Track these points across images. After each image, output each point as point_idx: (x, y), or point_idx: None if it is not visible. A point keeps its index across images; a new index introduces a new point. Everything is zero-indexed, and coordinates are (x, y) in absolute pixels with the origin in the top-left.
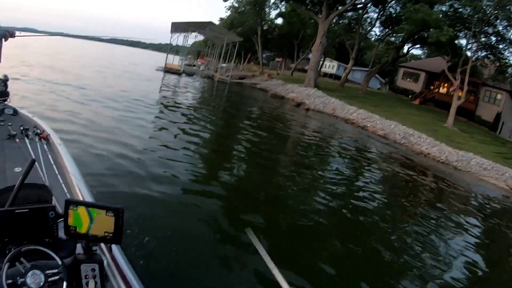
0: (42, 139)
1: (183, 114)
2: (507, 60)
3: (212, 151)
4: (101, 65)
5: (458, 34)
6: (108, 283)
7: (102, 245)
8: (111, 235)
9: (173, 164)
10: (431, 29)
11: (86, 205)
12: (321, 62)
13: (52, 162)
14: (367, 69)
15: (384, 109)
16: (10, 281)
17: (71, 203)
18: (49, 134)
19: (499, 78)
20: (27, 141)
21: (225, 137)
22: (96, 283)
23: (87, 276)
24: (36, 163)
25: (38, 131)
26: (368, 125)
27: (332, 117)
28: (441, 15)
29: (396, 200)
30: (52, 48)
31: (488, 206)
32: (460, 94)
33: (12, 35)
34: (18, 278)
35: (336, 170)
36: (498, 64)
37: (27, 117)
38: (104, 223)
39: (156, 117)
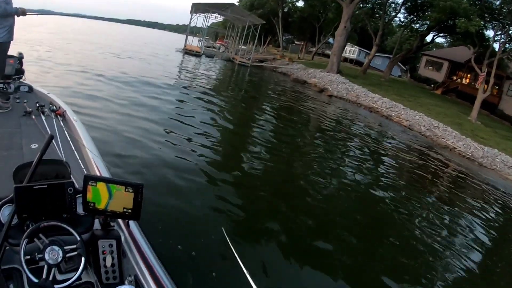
0: (58, 116)
1: (205, 97)
2: None
3: (233, 135)
4: (120, 48)
5: (486, 25)
6: (125, 259)
7: (120, 221)
8: (130, 211)
9: (192, 146)
10: (459, 18)
11: (106, 180)
12: None
13: (69, 138)
14: (388, 55)
15: (407, 98)
16: (28, 256)
17: (90, 178)
18: (65, 111)
19: None
20: (43, 117)
21: (247, 121)
22: (113, 258)
23: (105, 252)
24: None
25: (54, 107)
26: (393, 114)
27: (356, 105)
28: (470, 4)
29: (421, 192)
30: (66, 32)
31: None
32: (485, 87)
33: (24, 13)
34: (36, 254)
35: (359, 157)
36: None
37: (42, 94)
38: (123, 199)
39: (177, 99)
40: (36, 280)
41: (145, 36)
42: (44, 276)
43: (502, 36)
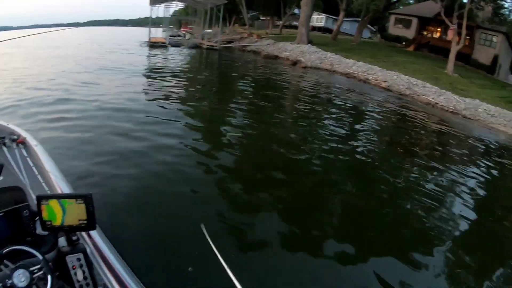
0: (20, 144)
1: (176, 88)
2: (504, 2)
3: (208, 120)
4: (81, 55)
5: None
6: (94, 270)
7: (84, 234)
8: (85, 222)
9: (167, 137)
10: None
11: (56, 197)
12: None
13: (31, 164)
14: (355, 19)
15: (382, 59)
16: (0, 284)
17: (42, 198)
18: (25, 138)
19: (496, 20)
20: (5, 149)
21: (223, 105)
22: (84, 271)
23: (74, 267)
24: (15, 167)
25: (15, 137)
26: (370, 77)
27: (331, 73)
28: None
29: (409, 150)
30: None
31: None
32: (458, 39)
33: None
34: (6, 280)
35: (342, 125)
36: (494, 5)
37: (1, 125)
38: (76, 211)
39: (145, 93)
40: None
41: (108, 36)
42: None
43: None
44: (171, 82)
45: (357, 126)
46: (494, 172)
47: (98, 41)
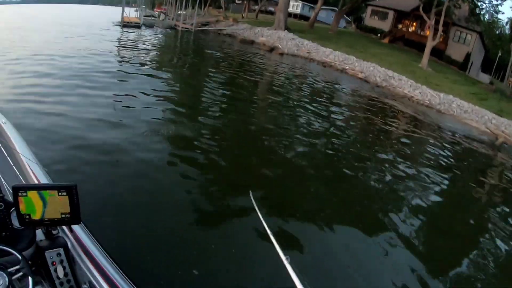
0: None
1: (151, 71)
2: (481, 3)
3: (184, 105)
4: (56, 30)
5: None
6: (76, 266)
7: (65, 227)
8: (68, 215)
9: (137, 127)
10: None
11: (36, 188)
12: None
13: (0, 146)
14: (332, 7)
15: (359, 49)
16: None
17: (19, 189)
18: None
19: (472, 19)
20: None
21: (198, 90)
22: (64, 267)
23: (54, 263)
24: None
25: None
26: (347, 67)
27: (308, 60)
28: None
29: (382, 138)
30: None
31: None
32: (433, 34)
33: None
34: None
35: (318, 113)
36: (472, 5)
37: None
38: (59, 204)
39: (120, 80)
40: None
41: (80, 16)
42: None
43: None
44: (145, 64)
45: (332, 116)
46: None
47: (67, 20)
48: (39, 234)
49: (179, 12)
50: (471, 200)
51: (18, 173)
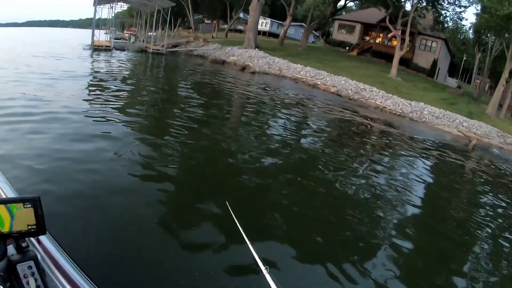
0: None
1: (119, 96)
2: (445, 11)
3: (154, 125)
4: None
5: None
6: (47, 277)
7: (33, 239)
8: (34, 227)
9: (107, 146)
10: None
11: (3, 202)
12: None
13: None
14: (299, 23)
15: (329, 64)
16: None
17: None
18: None
19: (437, 27)
20: None
21: (167, 114)
22: (36, 280)
23: (26, 275)
24: None
25: None
26: (318, 82)
27: (280, 77)
28: None
29: (364, 149)
30: None
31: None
32: (402, 46)
33: None
34: None
35: (291, 128)
36: (436, 14)
37: None
38: (25, 216)
39: (91, 104)
40: None
41: (47, 38)
42: None
43: None
44: (115, 90)
45: (305, 131)
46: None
47: (37, 43)
48: (10, 249)
49: (149, 33)
50: (449, 210)
51: None
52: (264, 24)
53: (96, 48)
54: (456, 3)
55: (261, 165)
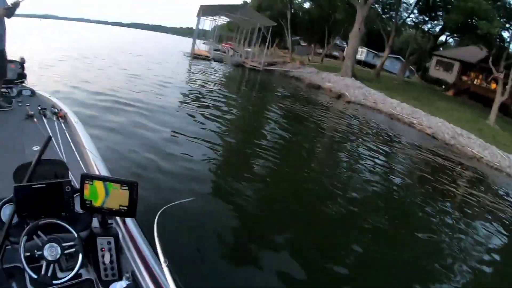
0: (60, 118)
1: (218, 106)
2: None
3: (248, 143)
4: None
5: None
6: (123, 256)
7: (118, 218)
8: (125, 208)
9: (199, 150)
10: (478, 20)
11: (103, 179)
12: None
13: (70, 140)
14: (395, 55)
15: (425, 103)
16: (28, 254)
17: (87, 177)
18: (67, 113)
19: None
20: (45, 120)
21: (266, 132)
22: (111, 255)
23: (103, 249)
24: (53, 140)
25: (56, 110)
26: (414, 121)
27: (375, 111)
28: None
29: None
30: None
31: None
32: (503, 90)
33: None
34: (36, 250)
35: (389, 169)
36: None
37: (44, 97)
38: (119, 196)
39: (187, 107)
40: (35, 276)
41: (151, 41)
42: (43, 272)
43: None
44: (212, 100)
45: (397, 171)
46: None
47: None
48: (95, 222)
49: (246, 49)
50: None
51: (83, 166)
52: (360, 53)
53: (196, 57)
54: None
55: (340, 197)
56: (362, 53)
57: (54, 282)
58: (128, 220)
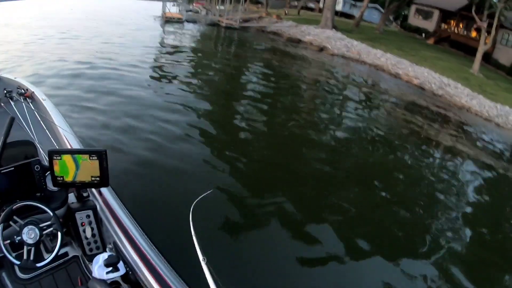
0: (27, 98)
1: (196, 69)
2: None
3: (228, 102)
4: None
5: None
6: (103, 228)
7: (94, 190)
8: (98, 179)
9: (177, 118)
10: None
11: (70, 152)
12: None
13: (39, 119)
14: (374, 5)
15: (409, 52)
16: (8, 241)
17: (54, 153)
18: (33, 92)
19: None
20: (12, 103)
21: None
22: (92, 228)
23: (83, 223)
24: (22, 121)
25: (22, 91)
26: (400, 72)
27: (359, 63)
28: None
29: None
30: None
31: None
32: (487, 39)
33: None
34: (15, 236)
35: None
36: None
37: (9, 79)
38: (90, 168)
39: (162, 73)
40: (17, 262)
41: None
42: (25, 257)
43: None
44: (192, 65)
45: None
46: None
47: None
48: (71, 197)
49: (218, 7)
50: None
51: (55, 143)
52: (337, 3)
53: (168, 20)
54: None
55: (324, 158)
56: (339, 3)
57: (38, 265)
58: (104, 191)
